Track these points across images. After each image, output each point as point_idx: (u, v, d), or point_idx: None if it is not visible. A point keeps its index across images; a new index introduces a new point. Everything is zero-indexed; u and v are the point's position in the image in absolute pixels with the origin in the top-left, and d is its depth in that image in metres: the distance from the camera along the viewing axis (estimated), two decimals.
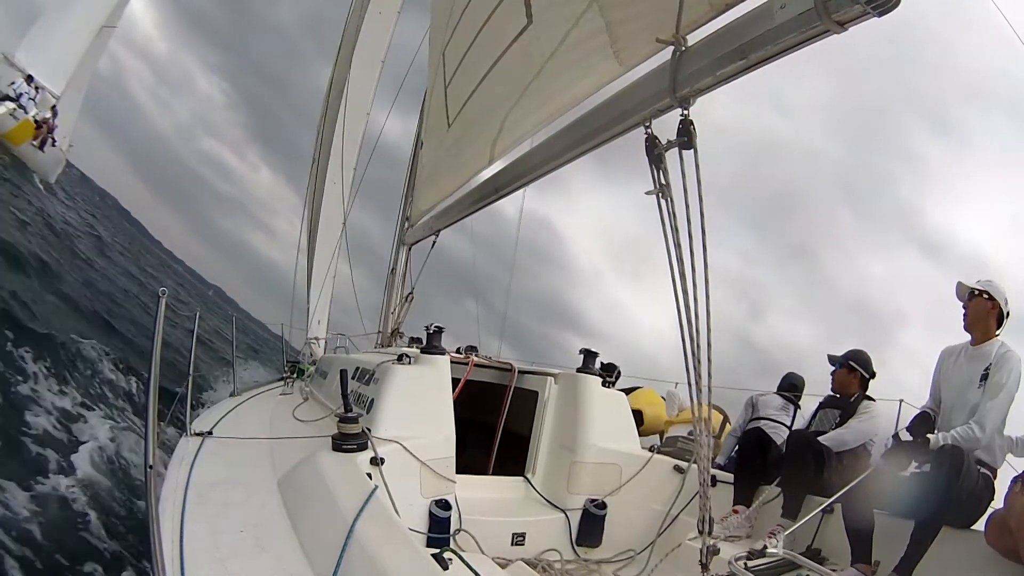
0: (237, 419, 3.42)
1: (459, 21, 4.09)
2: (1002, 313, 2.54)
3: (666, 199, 1.78)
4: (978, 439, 2.32)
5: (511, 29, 3.24)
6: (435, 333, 3.16)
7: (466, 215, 4.64)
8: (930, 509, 2.24)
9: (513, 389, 3.53)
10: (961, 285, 2.61)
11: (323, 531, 1.72)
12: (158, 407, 2.43)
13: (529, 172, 3.39)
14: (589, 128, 2.65)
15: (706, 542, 1.70)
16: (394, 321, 6.19)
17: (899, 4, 1.46)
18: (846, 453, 2.89)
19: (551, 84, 3.11)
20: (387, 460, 2.39)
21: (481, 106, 3.95)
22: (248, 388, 4.94)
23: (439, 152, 4.87)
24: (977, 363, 2.51)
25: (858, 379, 3.12)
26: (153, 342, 2.43)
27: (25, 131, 17.16)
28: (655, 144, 1.87)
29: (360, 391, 3.14)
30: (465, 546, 2.62)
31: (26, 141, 17.37)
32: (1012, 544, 2.04)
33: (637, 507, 3.15)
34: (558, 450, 3.30)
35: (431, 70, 5.00)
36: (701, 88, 1.88)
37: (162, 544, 1.66)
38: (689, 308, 1.70)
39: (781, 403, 3.76)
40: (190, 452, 2.47)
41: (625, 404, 3.53)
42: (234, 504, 2.00)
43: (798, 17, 1.57)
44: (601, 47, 2.59)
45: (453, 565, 1.68)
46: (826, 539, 2.69)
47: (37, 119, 17.65)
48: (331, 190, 8.51)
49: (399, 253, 6.41)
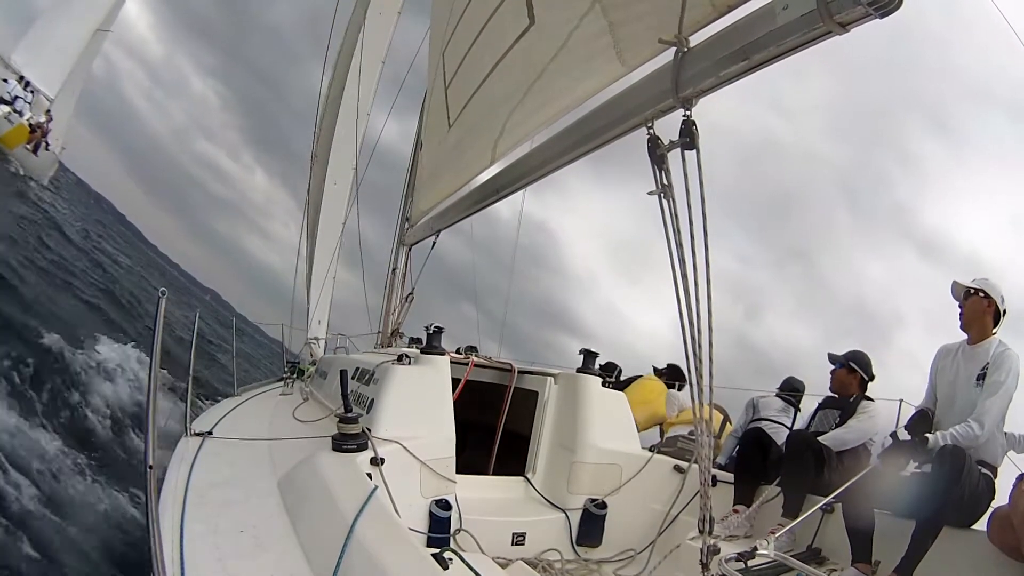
0: (237, 419, 3.42)
1: (459, 22, 4.09)
2: (998, 311, 2.54)
3: (668, 199, 1.78)
4: (976, 437, 2.32)
5: (513, 30, 3.25)
6: (435, 333, 3.16)
7: (466, 215, 4.64)
8: (931, 509, 2.25)
9: (513, 389, 3.53)
10: (957, 284, 2.61)
11: (323, 531, 1.72)
12: (158, 407, 2.43)
13: (530, 173, 3.39)
14: (591, 129, 2.65)
15: (706, 542, 1.70)
16: (394, 322, 6.19)
17: (901, 5, 1.46)
18: (846, 453, 2.90)
19: (553, 85, 3.10)
20: (387, 460, 2.39)
21: (482, 107, 3.95)
22: (248, 388, 4.93)
23: (440, 152, 4.87)
24: (974, 362, 2.51)
25: (857, 380, 3.13)
26: (153, 342, 2.43)
27: (19, 135, 17.12)
28: (658, 145, 1.87)
29: (360, 391, 3.14)
30: (465, 546, 2.62)
31: (20, 145, 17.33)
32: (1015, 541, 2.04)
33: (637, 507, 3.15)
34: (558, 450, 3.30)
35: (431, 70, 5.00)
36: (703, 89, 1.88)
37: (162, 544, 1.65)
38: (690, 309, 1.70)
39: (781, 405, 3.78)
40: (190, 452, 2.47)
41: (625, 404, 3.53)
42: (234, 504, 2.00)
43: (800, 18, 1.57)
44: (604, 48, 2.59)
45: (453, 565, 1.67)
46: (826, 539, 2.69)
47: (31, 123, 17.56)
48: (331, 191, 8.51)
49: (399, 253, 6.41)
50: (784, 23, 1.61)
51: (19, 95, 17.31)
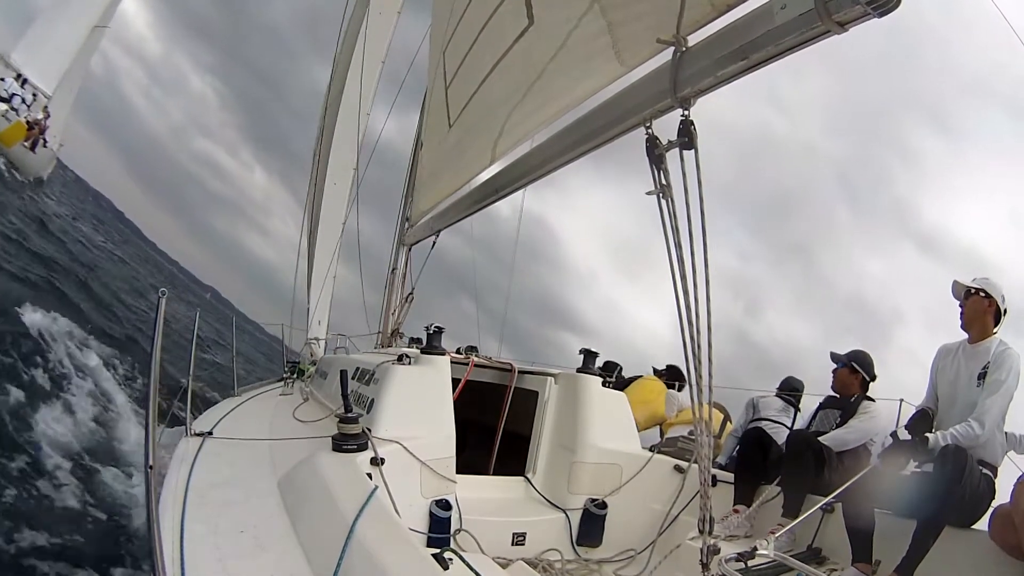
0: (237, 419, 3.42)
1: (459, 22, 4.09)
2: (999, 310, 2.54)
3: (667, 199, 1.78)
4: (977, 436, 2.32)
5: (512, 30, 3.25)
6: (435, 333, 3.16)
7: (466, 215, 4.64)
8: (932, 509, 2.24)
9: (513, 389, 3.53)
10: (957, 284, 2.61)
11: (323, 531, 1.72)
12: (158, 407, 2.43)
13: (529, 172, 3.39)
14: (590, 128, 2.65)
15: (706, 542, 1.70)
16: (394, 321, 6.19)
17: (899, 4, 1.46)
18: (846, 453, 2.90)
19: (553, 85, 3.11)
20: (387, 460, 2.39)
21: (482, 107, 3.95)
22: (248, 388, 4.93)
23: (440, 152, 4.87)
24: (975, 361, 2.51)
25: (859, 380, 3.13)
26: (153, 342, 2.43)
27: (17, 132, 17.07)
28: (656, 144, 1.87)
29: (360, 391, 3.14)
30: (466, 546, 2.62)
31: (18, 142, 17.26)
32: (1016, 540, 2.04)
33: (637, 507, 3.15)
34: (558, 450, 3.30)
35: (431, 70, 5.00)
36: (702, 88, 1.88)
37: (162, 544, 1.65)
38: (690, 308, 1.70)
39: (782, 405, 3.78)
40: (190, 452, 2.47)
41: (625, 404, 3.53)
42: (234, 504, 2.00)
43: (799, 18, 1.57)
44: (603, 48, 2.59)
45: (453, 565, 1.67)
46: (826, 538, 2.69)
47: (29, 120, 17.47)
48: (331, 191, 8.51)
49: (399, 253, 6.41)
50: (782, 22, 1.61)
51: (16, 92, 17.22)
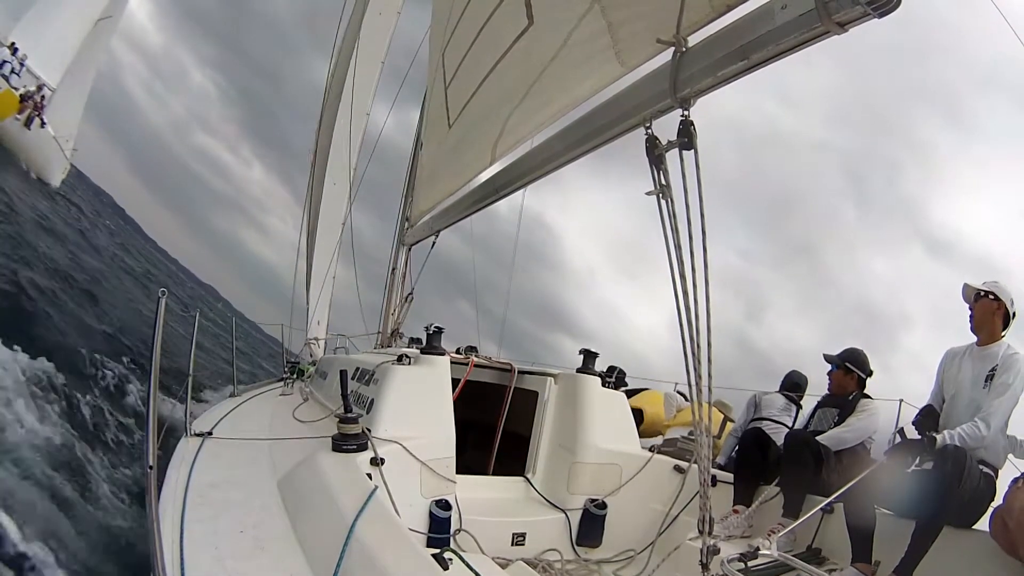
0: (237, 420, 3.42)
1: (459, 22, 4.09)
2: (1008, 313, 2.55)
3: (666, 200, 1.78)
4: (983, 437, 2.33)
5: (512, 30, 3.25)
6: (435, 334, 3.16)
7: (466, 215, 4.64)
8: (932, 509, 2.25)
9: (513, 389, 3.53)
10: (967, 287, 2.62)
11: (323, 531, 1.72)
12: (158, 407, 2.43)
13: (529, 172, 3.39)
14: (590, 128, 2.65)
15: (706, 542, 1.70)
16: (394, 322, 6.19)
17: (899, 5, 1.46)
18: (845, 452, 2.90)
19: (553, 85, 3.11)
20: (387, 460, 2.39)
21: (482, 107, 3.95)
22: (248, 389, 4.93)
23: (440, 153, 4.87)
24: (983, 363, 2.52)
25: (855, 379, 3.12)
26: (153, 342, 2.44)
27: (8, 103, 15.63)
28: (655, 145, 1.87)
29: (360, 391, 3.14)
30: (465, 546, 2.62)
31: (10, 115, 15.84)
32: (1012, 541, 2.04)
33: (637, 507, 3.15)
34: (558, 450, 3.30)
35: (431, 70, 5.00)
36: (701, 89, 1.89)
37: (162, 544, 1.65)
38: (689, 309, 1.70)
39: (784, 403, 3.76)
40: (190, 453, 2.47)
41: (625, 404, 3.54)
42: (234, 504, 2.00)
43: (799, 18, 1.57)
44: (603, 48, 2.59)
45: (453, 565, 1.67)
46: (827, 538, 2.69)
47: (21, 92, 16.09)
48: (331, 190, 8.51)
49: (399, 253, 6.41)
50: (782, 23, 1.62)
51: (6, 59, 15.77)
